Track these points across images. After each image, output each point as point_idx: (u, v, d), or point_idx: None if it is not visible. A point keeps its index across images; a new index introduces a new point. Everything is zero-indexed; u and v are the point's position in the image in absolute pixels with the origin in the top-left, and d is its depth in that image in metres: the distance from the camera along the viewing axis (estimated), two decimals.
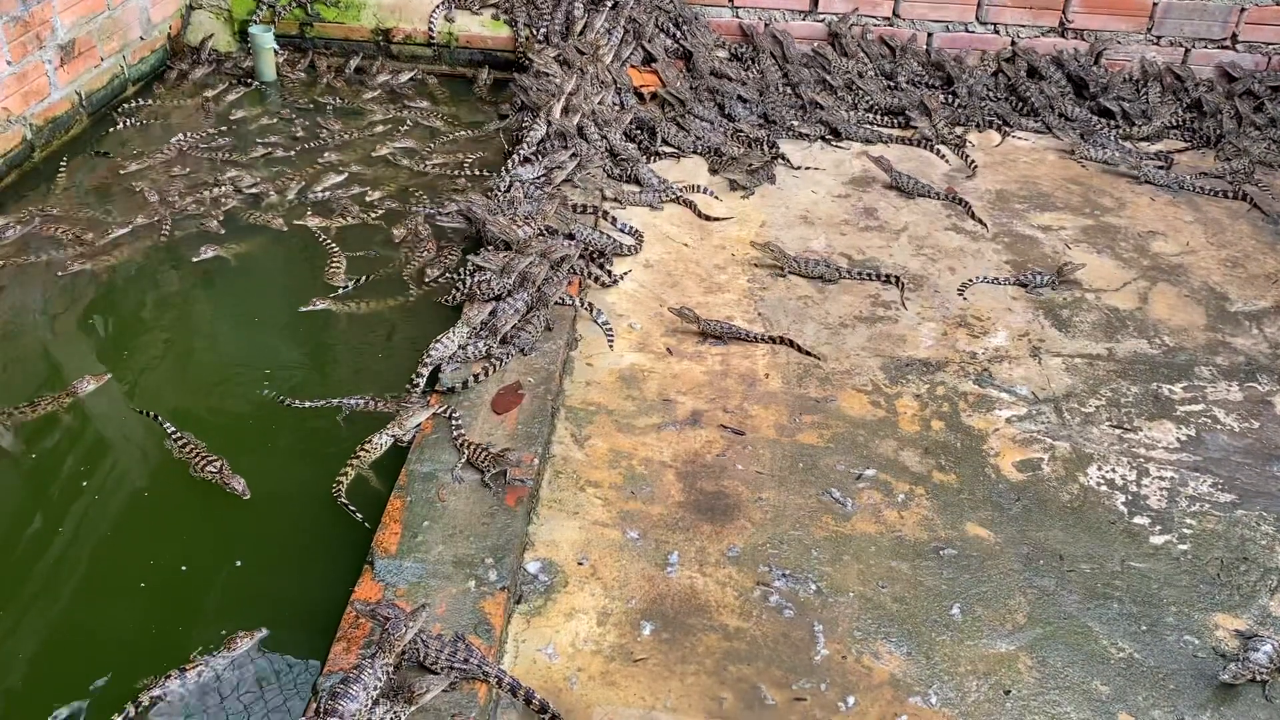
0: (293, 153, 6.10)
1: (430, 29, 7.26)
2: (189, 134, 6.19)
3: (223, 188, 5.56)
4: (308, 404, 4.12)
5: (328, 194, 5.64)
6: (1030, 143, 6.62)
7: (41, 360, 4.45)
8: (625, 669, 3.12)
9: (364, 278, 4.92)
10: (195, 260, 5.00)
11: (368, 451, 3.83)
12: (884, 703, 3.06)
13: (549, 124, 6.02)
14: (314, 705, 2.79)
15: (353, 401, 4.11)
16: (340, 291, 4.82)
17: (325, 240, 5.22)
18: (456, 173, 5.98)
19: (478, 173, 5.96)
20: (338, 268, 4.98)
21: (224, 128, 6.36)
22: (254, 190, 5.59)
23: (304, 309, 4.67)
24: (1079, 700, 3.09)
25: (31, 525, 3.63)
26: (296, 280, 4.94)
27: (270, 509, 3.72)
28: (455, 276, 4.80)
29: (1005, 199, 5.93)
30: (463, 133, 6.48)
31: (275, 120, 6.52)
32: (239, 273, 5.00)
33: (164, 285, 4.90)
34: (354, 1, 7.33)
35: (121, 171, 5.72)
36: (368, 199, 5.65)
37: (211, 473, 3.73)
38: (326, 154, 6.07)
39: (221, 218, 5.31)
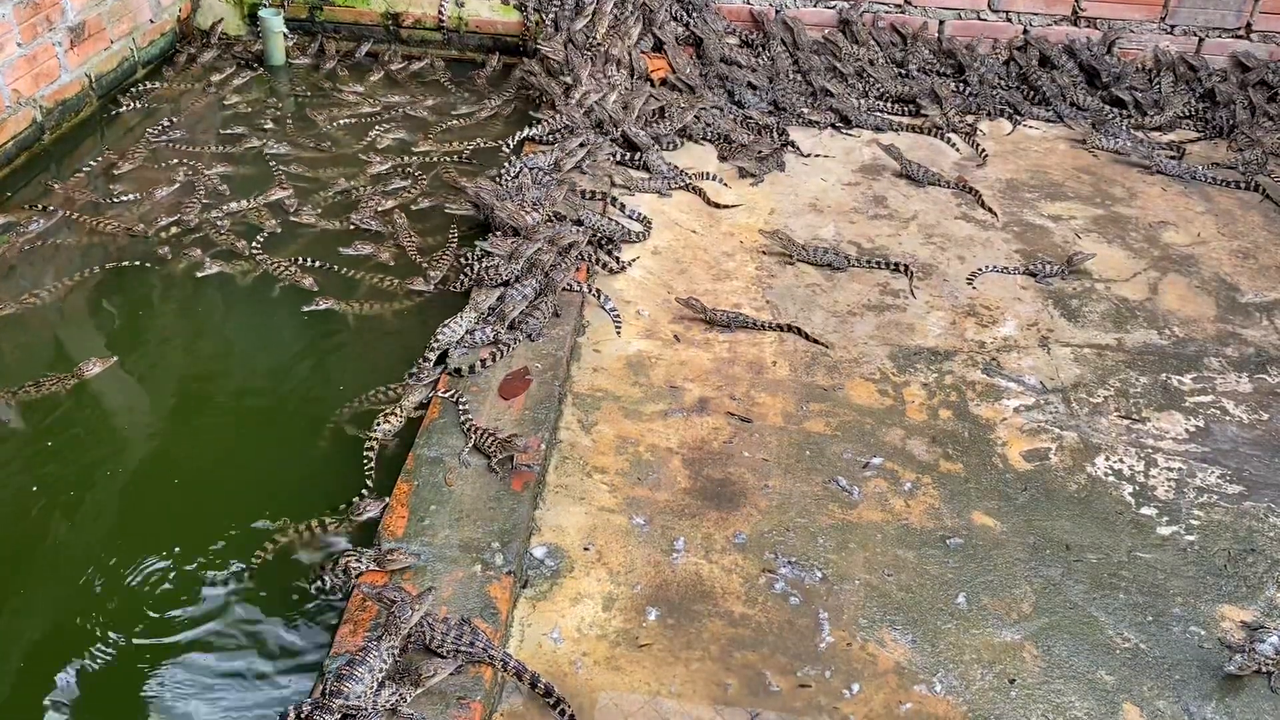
0: (286, 147, 5.98)
1: (440, 13, 7.24)
2: (173, 119, 6.14)
3: (231, 205, 5.36)
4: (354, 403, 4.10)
5: (338, 196, 5.56)
6: (1041, 132, 6.59)
7: (50, 345, 4.47)
8: (630, 654, 3.12)
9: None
10: (200, 275, 4.84)
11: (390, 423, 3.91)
12: (889, 690, 3.06)
13: (557, 110, 6.01)
14: (320, 686, 2.80)
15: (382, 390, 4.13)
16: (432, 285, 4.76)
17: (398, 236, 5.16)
18: (457, 160, 5.95)
19: (473, 161, 5.93)
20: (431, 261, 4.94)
21: (222, 116, 6.32)
22: (244, 205, 5.38)
23: (307, 308, 4.65)
24: (1083, 690, 3.09)
25: (35, 506, 3.65)
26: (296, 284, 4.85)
27: (277, 496, 3.73)
28: (462, 264, 4.80)
29: (1015, 188, 5.90)
30: (456, 122, 6.41)
31: (273, 110, 6.43)
32: (243, 279, 4.91)
33: (170, 293, 4.81)
34: None
35: (115, 172, 5.57)
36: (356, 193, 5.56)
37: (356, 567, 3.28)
38: (321, 148, 6.00)
39: (230, 238, 5.10)
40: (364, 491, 3.65)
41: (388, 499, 3.49)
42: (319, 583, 3.30)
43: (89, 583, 3.39)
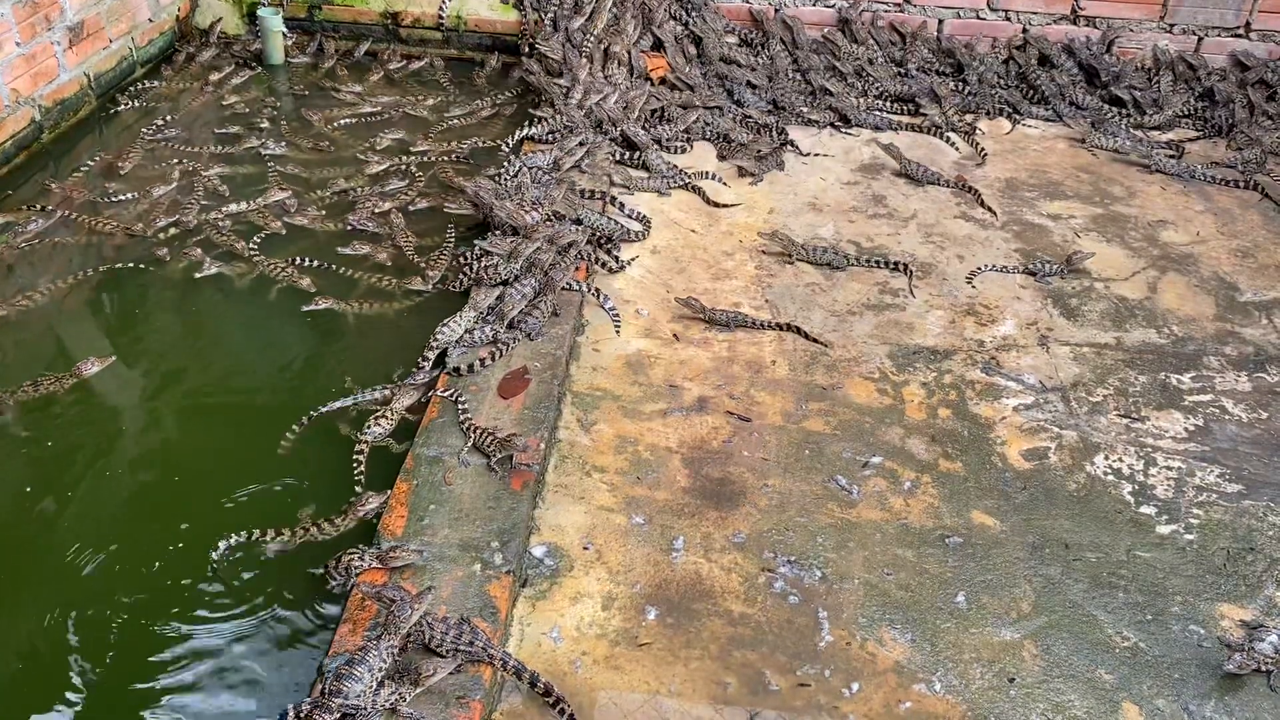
0: (284, 147, 5.96)
1: (441, 11, 7.24)
2: (168, 118, 6.12)
3: (231, 206, 5.32)
4: (326, 408, 4.07)
5: (334, 197, 5.53)
6: (1040, 131, 6.59)
7: (48, 345, 4.46)
8: (630, 653, 3.12)
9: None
10: (198, 276, 4.82)
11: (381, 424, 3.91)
12: (888, 689, 3.06)
13: (557, 110, 6.01)
14: (319, 686, 2.80)
15: (371, 395, 4.10)
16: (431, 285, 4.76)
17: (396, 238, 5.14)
18: (454, 159, 5.93)
19: (470, 161, 5.91)
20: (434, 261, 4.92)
21: (219, 115, 6.32)
22: (248, 207, 5.34)
23: (306, 308, 4.65)
24: (1083, 689, 3.09)
25: (33, 507, 3.65)
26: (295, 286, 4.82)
27: (275, 495, 3.73)
28: (461, 263, 4.80)
29: (1015, 187, 5.90)
30: (456, 121, 6.40)
31: (271, 109, 6.42)
32: (241, 280, 4.87)
33: (168, 294, 4.78)
34: None
35: (121, 173, 5.56)
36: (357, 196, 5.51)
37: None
38: (320, 148, 5.97)
39: (240, 240, 5.06)
40: (357, 490, 3.66)
41: (389, 491, 3.50)
42: (332, 581, 3.29)
43: (87, 582, 3.38)
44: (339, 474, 3.76)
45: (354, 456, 3.78)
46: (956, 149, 6.28)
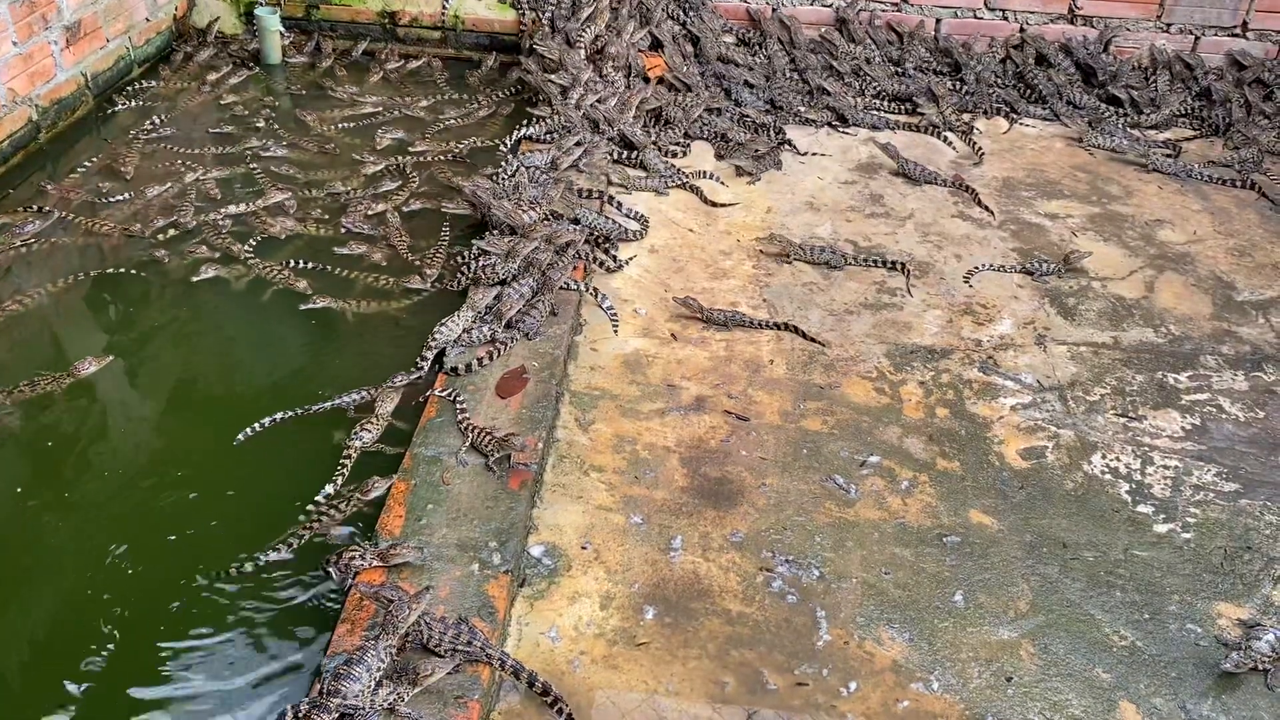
0: (282, 148, 5.95)
1: (442, 10, 7.23)
2: (163, 118, 6.12)
3: (230, 208, 5.30)
4: (314, 408, 4.07)
5: (327, 198, 5.52)
6: (1038, 130, 6.59)
7: (46, 346, 4.46)
8: (628, 653, 3.13)
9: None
10: (195, 280, 4.80)
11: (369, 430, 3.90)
12: (886, 688, 3.07)
13: (555, 110, 6.01)
14: (317, 686, 2.80)
15: (350, 398, 4.10)
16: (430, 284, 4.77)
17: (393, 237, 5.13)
18: (452, 159, 5.94)
19: (468, 160, 5.91)
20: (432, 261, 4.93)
21: (216, 116, 6.31)
22: (248, 208, 5.33)
23: (304, 306, 4.65)
24: (1080, 688, 3.09)
25: (30, 507, 3.65)
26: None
27: (273, 497, 3.73)
28: (459, 262, 4.80)
29: (1012, 186, 5.90)
30: (453, 121, 6.40)
31: (268, 109, 6.40)
32: (238, 282, 4.86)
33: (166, 296, 4.77)
34: None
35: (125, 177, 5.53)
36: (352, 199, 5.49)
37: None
38: (325, 150, 5.97)
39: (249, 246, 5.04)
40: (327, 489, 3.68)
41: (394, 477, 3.51)
42: (331, 576, 3.29)
43: (84, 582, 3.38)
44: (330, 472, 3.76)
45: (340, 462, 3.78)
46: (954, 148, 6.29)
